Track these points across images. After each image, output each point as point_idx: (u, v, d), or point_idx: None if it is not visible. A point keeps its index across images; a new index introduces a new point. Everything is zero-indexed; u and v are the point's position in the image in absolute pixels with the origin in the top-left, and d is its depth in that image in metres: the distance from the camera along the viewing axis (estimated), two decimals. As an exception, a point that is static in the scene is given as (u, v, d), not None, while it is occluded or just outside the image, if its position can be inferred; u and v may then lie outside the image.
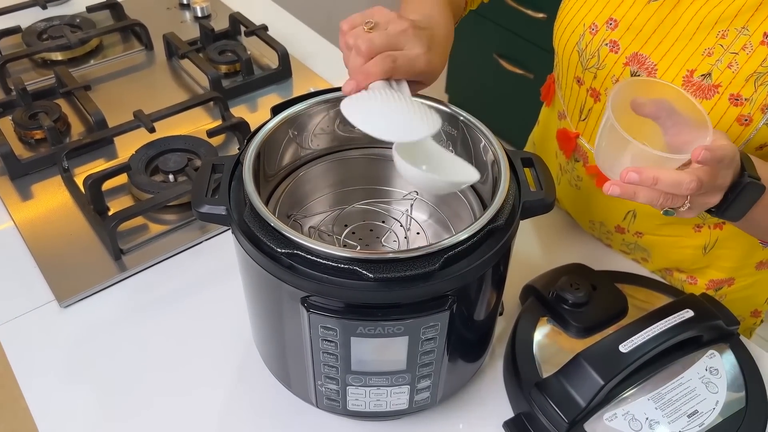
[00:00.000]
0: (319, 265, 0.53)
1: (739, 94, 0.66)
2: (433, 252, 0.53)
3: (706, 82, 0.68)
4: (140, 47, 1.22)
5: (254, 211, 0.56)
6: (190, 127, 1.03)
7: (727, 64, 0.67)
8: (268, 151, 0.65)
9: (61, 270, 0.82)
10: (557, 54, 0.82)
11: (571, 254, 0.86)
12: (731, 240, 0.80)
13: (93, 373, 0.74)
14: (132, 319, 0.79)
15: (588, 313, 0.72)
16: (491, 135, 0.63)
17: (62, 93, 1.05)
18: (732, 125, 0.67)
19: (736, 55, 0.66)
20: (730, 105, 0.66)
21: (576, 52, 0.77)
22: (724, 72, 0.67)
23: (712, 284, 0.85)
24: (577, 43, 0.76)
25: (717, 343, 0.70)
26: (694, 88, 0.68)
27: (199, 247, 0.87)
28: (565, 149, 0.84)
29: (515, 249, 0.63)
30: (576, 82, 0.79)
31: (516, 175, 0.62)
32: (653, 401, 0.65)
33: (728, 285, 0.85)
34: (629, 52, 0.72)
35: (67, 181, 0.93)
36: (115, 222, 0.81)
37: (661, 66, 0.70)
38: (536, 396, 0.65)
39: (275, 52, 1.14)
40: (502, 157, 0.61)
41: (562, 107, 0.85)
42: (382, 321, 0.53)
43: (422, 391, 0.62)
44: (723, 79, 0.67)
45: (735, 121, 0.67)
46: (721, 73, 0.67)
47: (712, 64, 0.67)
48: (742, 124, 0.67)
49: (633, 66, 0.72)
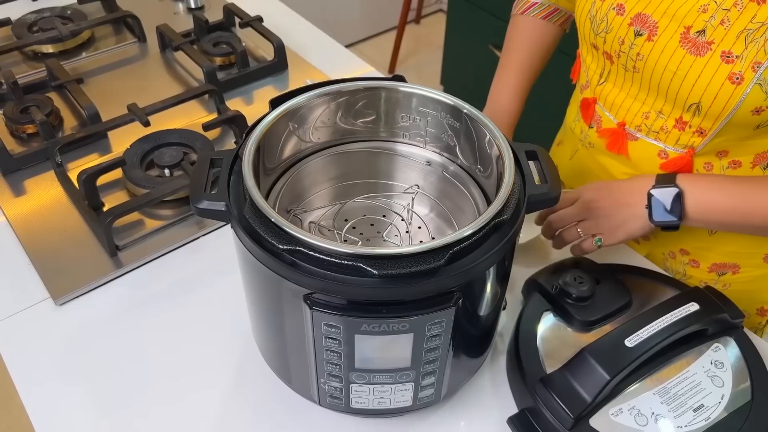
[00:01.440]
0: (322, 261, 0.52)
1: (731, 51, 0.66)
2: (439, 247, 0.52)
3: (701, 39, 0.68)
4: (133, 39, 1.20)
5: (255, 207, 0.55)
6: (185, 121, 1.02)
7: (719, 21, 0.67)
8: (267, 144, 0.64)
9: (56, 267, 0.81)
10: (578, 25, 0.84)
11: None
12: None
13: (89, 371, 0.72)
14: (129, 316, 0.78)
15: (592, 307, 0.72)
16: (495, 127, 0.62)
17: (54, 86, 1.03)
18: (724, 84, 0.67)
19: (728, 12, 0.67)
20: (722, 62, 0.67)
21: (588, 19, 0.79)
22: (717, 28, 0.67)
23: (715, 267, 0.84)
24: (590, 11, 0.78)
25: (721, 336, 0.70)
26: (689, 45, 0.69)
27: (197, 243, 0.86)
28: (585, 116, 0.87)
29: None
30: (593, 48, 0.81)
31: (520, 168, 0.61)
32: (659, 395, 0.65)
33: (732, 272, 0.84)
34: (633, 13, 0.74)
35: (61, 176, 0.91)
36: (110, 218, 0.80)
37: (662, 23, 0.71)
38: (541, 391, 0.65)
39: (271, 43, 1.13)
40: (506, 150, 0.60)
41: (585, 79, 0.86)
42: (386, 318, 0.52)
43: (426, 388, 0.61)
44: (716, 36, 0.67)
45: (727, 79, 0.67)
46: (714, 30, 0.67)
47: (706, 21, 0.68)
48: (734, 82, 0.67)
49: (636, 26, 0.73)
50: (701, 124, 0.73)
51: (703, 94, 0.69)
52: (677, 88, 0.71)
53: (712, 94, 0.68)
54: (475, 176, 0.69)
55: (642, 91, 0.77)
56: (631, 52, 0.74)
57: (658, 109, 0.76)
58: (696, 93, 0.69)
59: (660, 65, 0.71)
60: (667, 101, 0.74)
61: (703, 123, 0.72)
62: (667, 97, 0.73)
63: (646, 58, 0.72)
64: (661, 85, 0.73)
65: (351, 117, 0.70)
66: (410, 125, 0.70)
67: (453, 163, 0.70)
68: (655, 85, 0.74)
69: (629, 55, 0.74)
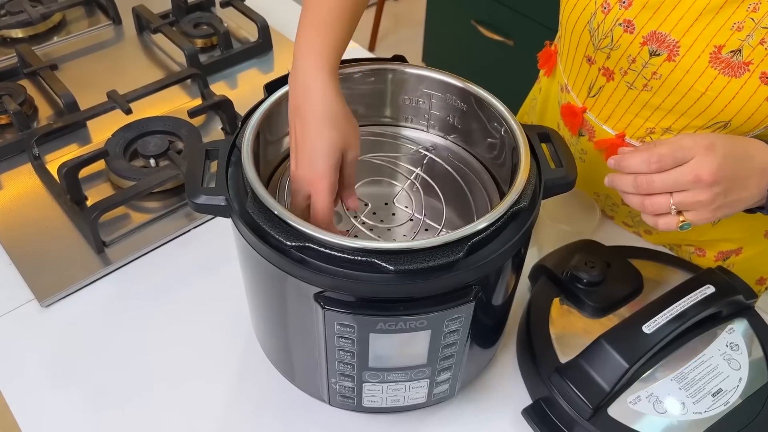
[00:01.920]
0: (333, 258, 0.49)
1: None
2: (457, 240, 0.49)
3: (736, 59, 0.63)
4: (107, 22, 1.14)
5: (258, 201, 0.52)
6: (167, 107, 0.97)
7: (759, 40, 0.62)
8: (265, 132, 0.60)
9: (40, 266, 0.77)
10: (564, 30, 0.77)
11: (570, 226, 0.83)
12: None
13: (80, 374, 0.69)
14: (119, 316, 0.74)
15: (603, 292, 0.70)
16: (506, 110, 0.59)
17: (26, 73, 0.98)
18: (762, 105, 0.63)
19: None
20: (761, 84, 0.63)
21: (587, 31, 0.72)
22: (756, 48, 0.63)
23: (721, 255, 0.83)
24: (589, 23, 0.71)
25: (735, 318, 0.69)
26: (722, 65, 0.64)
27: (188, 236, 0.82)
28: (571, 124, 0.81)
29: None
30: (586, 60, 0.74)
31: (533, 152, 0.58)
32: (676, 381, 0.63)
33: (736, 254, 0.83)
34: (646, 32, 0.67)
35: (39, 169, 0.86)
36: (96, 213, 0.75)
37: (684, 43, 0.66)
38: (557, 381, 0.63)
39: (254, 23, 1.08)
40: (519, 134, 0.57)
41: (564, 81, 0.80)
42: (403, 316, 0.50)
43: (441, 383, 0.58)
44: (755, 56, 0.63)
45: (766, 100, 0.63)
46: (753, 50, 0.63)
47: (742, 40, 0.63)
48: None
49: (652, 45, 0.67)
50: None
51: (736, 115, 0.65)
52: (702, 109, 0.67)
53: (746, 115, 0.64)
54: (483, 160, 0.66)
55: (647, 109, 0.71)
56: (644, 71, 0.68)
57: (666, 126, 0.71)
58: (727, 113, 0.65)
59: (683, 85, 0.66)
60: (682, 118, 0.69)
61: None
62: (685, 115, 0.69)
63: (666, 78, 0.67)
64: (680, 105, 0.68)
65: (351, 100, 0.66)
66: (414, 108, 0.67)
67: (459, 147, 0.67)
68: (670, 104, 0.69)
69: (641, 74, 0.69)
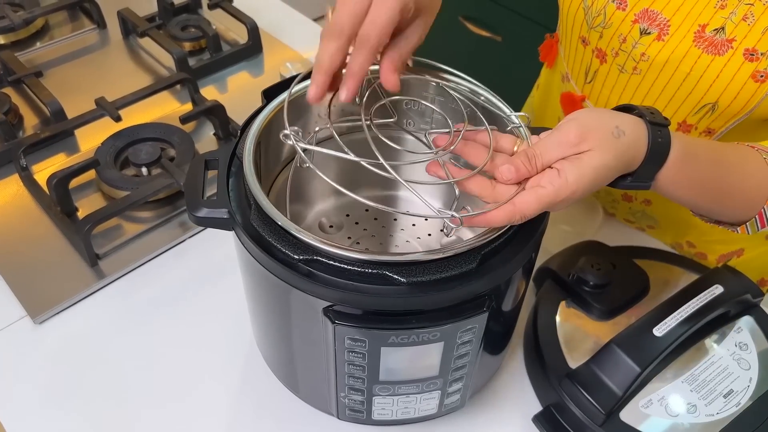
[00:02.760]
0: (342, 271, 0.47)
1: (755, 48, 0.62)
2: (469, 250, 0.48)
3: (719, 37, 0.64)
4: (92, 26, 1.11)
5: (262, 213, 0.50)
6: (158, 113, 0.94)
7: (741, 16, 0.63)
8: (267, 142, 0.58)
9: (31, 282, 0.74)
10: (561, 12, 0.76)
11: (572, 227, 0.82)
12: None
13: (76, 392, 0.67)
14: (115, 331, 0.72)
15: (610, 294, 0.69)
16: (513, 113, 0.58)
17: (10, 81, 0.95)
18: (746, 83, 0.63)
19: (751, 6, 0.63)
20: (745, 60, 0.63)
21: (582, 10, 0.72)
22: (739, 25, 0.63)
23: (723, 258, 0.82)
24: (583, 1, 0.71)
25: (742, 316, 0.68)
26: (706, 44, 0.64)
27: (183, 246, 0.80)
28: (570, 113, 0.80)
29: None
30: (581, 42, 0.74)
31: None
32: (687, 383, 0.63)
33: (737, 256, 0.82)
34: (638, 9, 0.67)
35: (27, 180, 0.84)
36: (89, 225, 0.73)
37: (674, 22, 0.66)
38: (568, 387, 0.62)
39: (243, 25, 1.05)
40: (527, 137, 0.56)
41: (565, 69, 0.80)
42: (416, 329, 0.48)
43: (453, 394, 0.57)
44: (737, 33, 0.63)
45: (750, 77, 0.63)
46: (736, 26, 0.63)
47: (725, 17, 0.64)
48: (758, 80, 0.63)
49: (643, 23, 0.67)
50: (711, 124, 0.68)
51: (721, 94, 0.64)
52: (689, 90, 0.66)
53: (732, 94, 0.64)
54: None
55: (639, 95, 0.71)
56: (633, 51, 0.68)
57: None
58: (713, 93, 0.65)
59: (670, 67, 0.66)
60: (671, 104, 0.69)
61: (713, 123, 0.68)
62: (673, 100, 0.68)
63: (653, 59, 0.67)
64: (668, 88, 0.68)
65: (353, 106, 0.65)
66: (415, 111, 0.66)
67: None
68: (659, 88, 0.68)
69: (631, 55, 0.68)
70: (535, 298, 0.72)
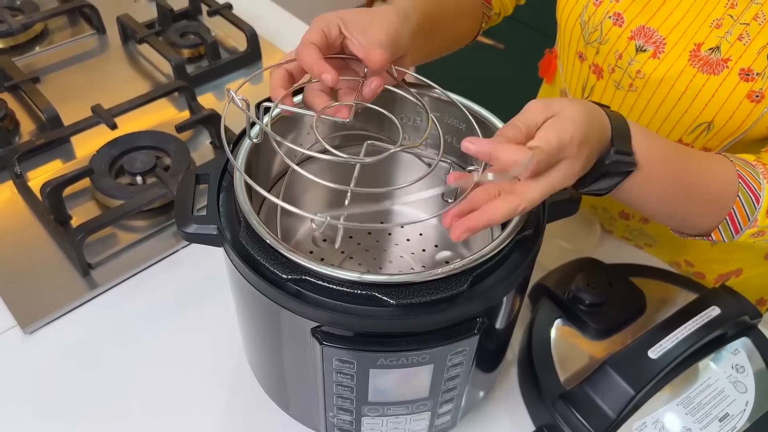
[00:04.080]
0: (331, 291, 0.47)
1: (750, 68, 0.61)
2: (460, 272, 0.47)
3: (714, 56, 0.63)
4: (91, 31, 1.11)
5: (251, 231, 0.49)
6: (154, 120, 0.94)
7: (737, 36, 0.62)
8: (258, 156, 0.58)
9: (22, 291, 0.74)
10: (559, 27, 0.76)
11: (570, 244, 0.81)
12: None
13: (65, 404, 0.66)
14: (106, 341, 0.71)
15: (606, 313, 0.68)
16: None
17: (7, 87, 0.94)
18: (742, 103, 0.63)
19: (747, 26, 0.62)
20: (740, 80, 0.62)
21: (579, 24, 0.71)
22: (734, 44, 0.62)
23: (721, 278, 0.81)
24: (580, 15, 0.71)
25: (739, 338, 0.67)
26: (701, 63, 0.63)
27: (176, 256, 0.80)
28: None
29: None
30: (578, 57, 0.73)
31: (536, 173, 0.56)
32: (682, 406, 0.62)
33: (736, 276, 0.81)
34: (635, 26, 0.67)
35: (21, 187, 0.83)
36: (82, 234, 0.73)
37: (670, 40, 0.65)
38: (561, 409, 0.61)
39: (242, 32, 1.05)
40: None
41: (563, 84, 0.79)
42: (405, 351, 0.47)
43: (443, 415, 0.56)
44: (733, 53, 0.62)
45: (745, 97, 0.62)
46: (731, 46, 0.62)
47: (720, 37, 0.63)
48: (753, 100, 0.62)
49: (639, 40, 0.67)
50: (707, 143, 0.67)
51: (717, 114, 0.64)
52: (684, 109, 0.65)
53: (727, 114, 0.63)
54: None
55: (635, 112, 0.70)
56: (629, 68, 0.67)
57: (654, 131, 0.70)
58: (708, 113, 0.64)
59: (665, 85, 0.65)
60: (666, 122, 0.68)
61: (709, 142, 0.67)
62: (669, 119, 0.67)
63: (648, 76, 0.66)
64: (664, 106, 0.67)
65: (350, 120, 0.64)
66: (411, 126, 0.65)
67: (458, 167, 0.65)
68: (654, 106, 0.68)
69: (627, 72, 0.68)
70: (530, 315, 0.71)
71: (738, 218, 0.56)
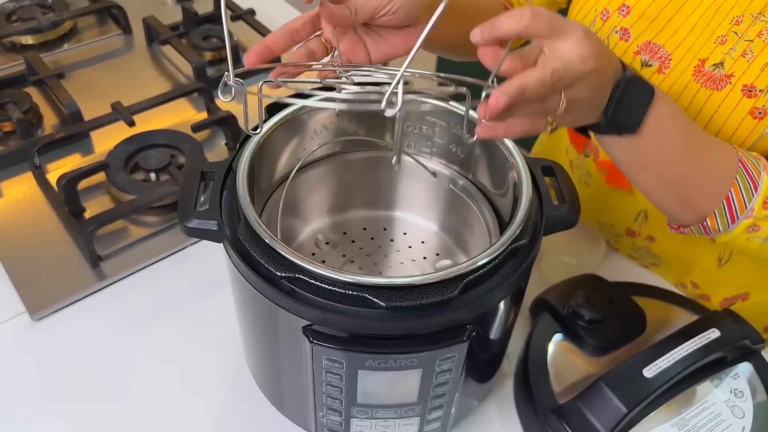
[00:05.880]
0: (323, 290, 0.47)
1: (753, 84, 0.61)
2: (452, 277, 0.47)
3: (718, 72, 0.63)
4: (118, 31, 1.14)
5: (249, 228, 0.50)
6: (172, 120, 0.96)
7: (741, 52, 0.62)
8: (263, 156, 0.59)
9: (33, 278, 0.76)
10: None
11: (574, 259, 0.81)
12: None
13: (69, 392, 0.67)
14: (111, 332, 0.73)
15: (605, 330, 0.68)
16: (512, 144, 0.57)
17: (33, 81, 0.97)
18: (744, 119, 0.62)
19: (751, 43, 0.62)
20: (743, 96, 0.62)
21: None
22: (738, 61, 0.62)
23: (727, 302, 0.80)
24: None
25: (740, 362, 0.66)
26: (704, 78, 0.64)
27: (185, 252, 0.81)
28: (577, 143, 0.80)
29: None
30: None
31: (536, 186, 0.56)
32: (677, 428, 0.61)
33: (742, 300, 0.80)
34: (641, 41, 0.67)
35: (39, 179, 0.86)
36: (93, 226, 0.74)
37: (675, 56, 0.66)
38: (554, 423, 0.61)
39: (263, 38, 1.07)
40: (522, 167, 0.55)
41: None
42: (393, 354, 0.48)
43: (432, 422, 0.57)
44: (736, 69, 0.62)
45: (748, 114, 0.62)
46: (735, 62, 0.62)
47: (724, 53, 0.63)
48: (756, 117, 0.62)
49: (645, 55, 0.67)
50: None
51: (720, 130, 0.64)
52: None
53: (730, 130, 0.63)
54: (486, 191, 0.64)
55: None
56: None
57: None
58: (711, 128, 0.64)
59: None
60: None
61: None
62: None
63: None
64: None
65: (353, 124, 0.65)
66: (416, 134, 0.66)
67: (462, 177, 0.66)
68: None
69: None
70: (530, 328, 0.71)
71: (735, 203, 0.56)
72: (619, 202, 0.78)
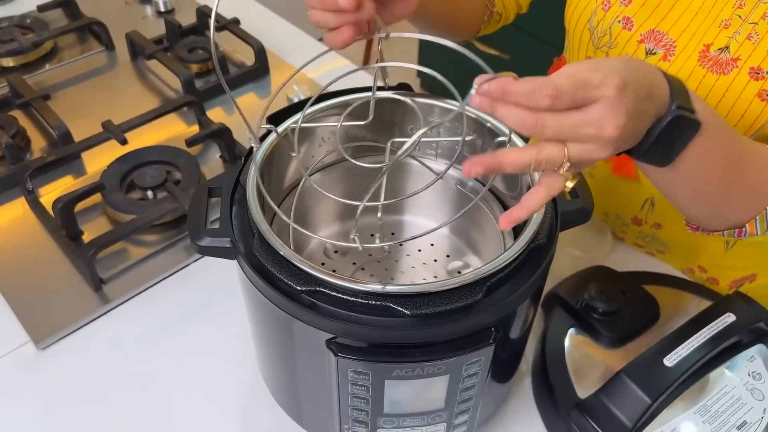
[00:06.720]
0: (346, 302, 0.47)
1: (760, 67, 0.62)
2: (475, 281, 0.47)
3: (724, 56, 0.63)
4: (100, 48, 1.12)
5: (265, 243, 0.49)
6: (164, 135, 0.94)
7: (746, 36, 0.62)
8: (270, 168, 0.58)
9: (35, 306, 0.74)
10: (568, 32, 0.76)
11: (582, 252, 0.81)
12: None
13: (79, 420, 0.66)
14: (119, 356, 0.71)
15: (620, 322, 0.68)
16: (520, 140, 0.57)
17: (18, 104, 0.95)
18: (753, 102, 0.63)
19: (755, 25, 0.62)
20: (750, 79, 0.62)
21: (587, 29, 0.72)
22: (743, 44, 0.62)
23: (735, 284, 0.81)
24: (589, 20, 0.71)
25: (754, 344, 0.66)
26: (710, 63, 0.64)
27: (187, 270, 0.80)
28: None
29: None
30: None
31: (548, 182, 0.56)
32: (699, 414, 0.61)
33: (750, 281, 0.81)
34: (644, 29, 0.67)
35: (33, 203, 0.84)
36: (93, 250, 0.73)
37: (680, 42, 0.66)
38: (577, 418, 0.60)
39: (250, 47, 1.06)
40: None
41: None
42: (420, 362, 0.47)
43: (459, 426, 0.56)
44: (742, 52, 0.62)
45: (756, 96, 0.62)
46: (740, 46, 0.63)
47: (729, 37, 0.63)
48: (764, 99, 0.62)
49: (648, 43, 0.67)
50: None
51: (728, 114, 0.64)
52: None
53: (738, 113, 0.63)
54: (495, 191, 0.64)
55: None
56: None
57: None
58: (719, 112, 0.63)
59: None
60: None
61: None
62: None
63: None
64: None
65: (358, 131, 0.64)
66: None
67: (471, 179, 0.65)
68: None
69: None
70: (543, 324, 0.71)
71: None
72: (625, 191, 0.79)
